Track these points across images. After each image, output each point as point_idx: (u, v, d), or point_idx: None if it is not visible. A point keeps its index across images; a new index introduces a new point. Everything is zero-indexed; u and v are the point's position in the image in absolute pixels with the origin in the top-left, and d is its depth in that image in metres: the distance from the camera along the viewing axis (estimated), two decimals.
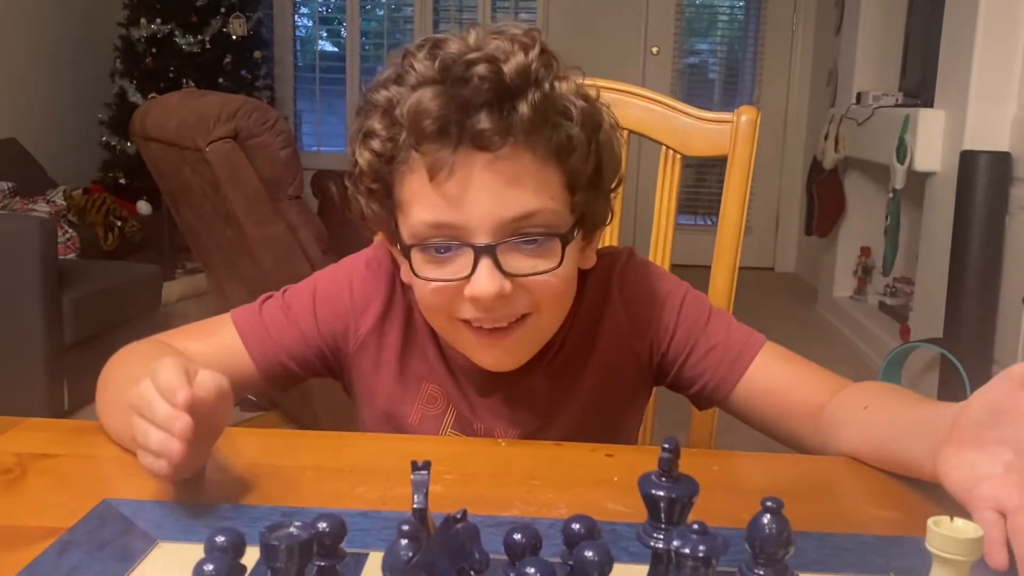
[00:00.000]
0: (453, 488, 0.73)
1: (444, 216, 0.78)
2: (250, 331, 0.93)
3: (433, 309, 0.85)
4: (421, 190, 0.79)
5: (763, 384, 0.92)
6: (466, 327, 0.83)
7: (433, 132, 0.76)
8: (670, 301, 0.95)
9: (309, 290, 0.95)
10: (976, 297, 3.14)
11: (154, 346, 0.91)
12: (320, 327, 0.93)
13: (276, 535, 0.48)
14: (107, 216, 4.20)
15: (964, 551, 0.51)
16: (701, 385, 0.95)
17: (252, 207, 2.49)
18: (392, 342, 0.94)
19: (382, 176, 0.82)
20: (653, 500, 0.53)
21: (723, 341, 0.94)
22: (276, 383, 0.95)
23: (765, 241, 6.09)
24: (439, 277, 0.81)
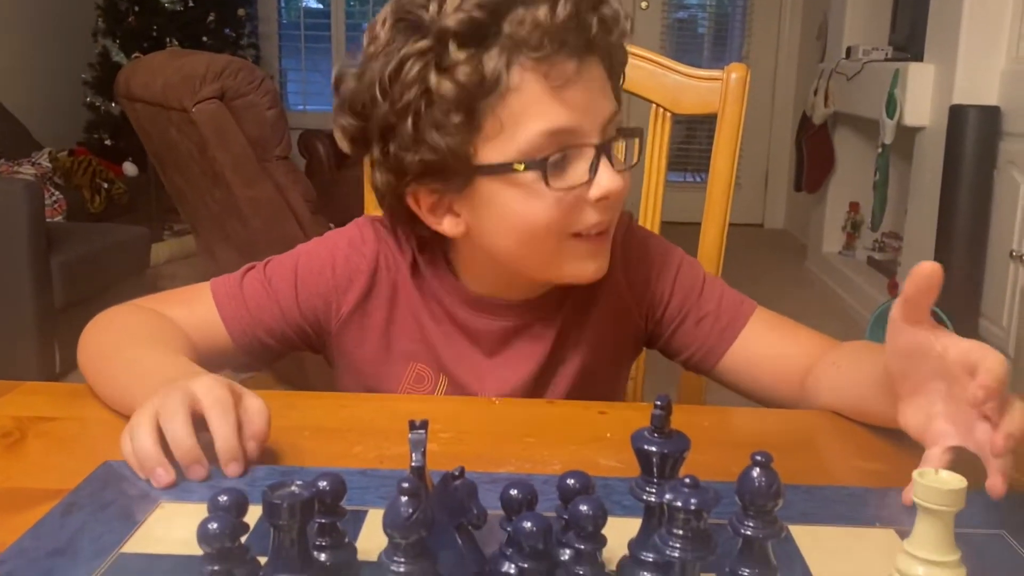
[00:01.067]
0: (449, 447, 0.75)
1: (566, 122, 0.78)
2: (228, 307, 0.91)
3: (548, 230, 0.81)
4: (536, 102, 0.78)
5: (750, 354, 0.93)
6: (577, 241, 0.83)
7: (554, 43, 0.76)
8: (667, 269, 0.96)
9: (291, 265, 0.93)
10: (964, 251, 3.16)
11: (137, 312, 0.90)
12: (301, 305, 0.92)
13: (278, 494, 0.49)
14: (93, 178, 4.18)
15: (948, 501, 0.52)
16: (690, 354, 0.96)
17: (239, 168, 2.48)
18: (376, 321, 0.93)
19: (468, 104, 0.77)
20: (645, 455, 0.54)
21: (714, 311, 0.95)
22: (254, 358, 0.94)
23: (754, 198, 6.10)
24: (561, 187, 0.79)
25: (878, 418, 0.78)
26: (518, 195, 0.80)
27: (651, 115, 1.22)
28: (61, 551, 0.56)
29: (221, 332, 0.91)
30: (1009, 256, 2.95)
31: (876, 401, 0.76)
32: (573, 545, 0.51)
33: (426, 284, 0.93)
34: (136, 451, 0.66)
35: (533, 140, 0.78)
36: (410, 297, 0.92)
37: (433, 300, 0.92)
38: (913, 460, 0.72)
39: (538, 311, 0.93)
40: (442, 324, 0.92)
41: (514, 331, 0.93)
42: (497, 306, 0.92)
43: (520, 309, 0.92)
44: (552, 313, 0.93)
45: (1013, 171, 2.98)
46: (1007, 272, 2.98)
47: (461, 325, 0.92)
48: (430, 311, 0.92)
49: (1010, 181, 2.99)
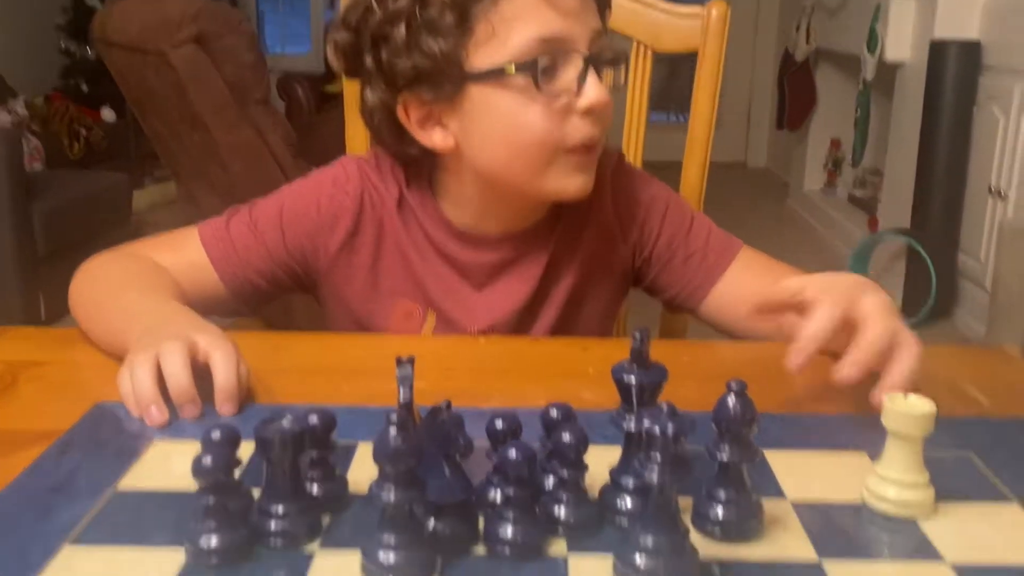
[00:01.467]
0: (435, 384, 0.76)
1: (557, 29, 0.80)
2: (217, 249, 0.92)
3: (540, 137, 0.82)
4: (529, 8, 0.80)
5: (735, 293, 0.94)
6: (567, 155, 0.84)
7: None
8: (656, 207, 0.97)
9: (276, 207, 0.94)
10: (943, 187, 3.18)
11: (127, 258, 0.91)
12: (288, 245, 0.93)
13: (270, 428, 0.50)
14: (71, 125, 4.13)
15: (917, 426, 0.54)
16: (676, 292, 0.98)
17: (219, 112, 2.46)
18: (363, 259, 0.94)
19: (461, 7, 0.79)
20: (625, 386, 0.56)
21: (701, 249, 0.96)
22: (246, 301, 0.95)
23: (737, 136, 6.09)
24: (551, 90, 0.81)
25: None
26: (509, 101, 0.81)
27: (632, 53, 1.22)
28: (59, 489, 0.57)
29: (211, 275, 0.92)
30: (988, 191, 2.97)
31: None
32: (557, 472, 0.53)
33: (413, 219, 0.93)
34: (135, 388, 0.67)
35: (524, 45, 0.80)
36: (397, 234, 0.93)
37: (421, 235, 0.93)
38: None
39: (526, 244, 0.94)
40: (430, 259, 0.93)
41: (502, 264, 0.94)
42: (485, 239, 0.93)
43: (508, 242, 0.93)
44: (540, 246, 0.94)
45: (993, 106, 2.99)
46: (985, 206, 3.00)
47: (449, 259, 0.93)
48: (417, 247, 0.93)
49: (989, 116, 3.00)
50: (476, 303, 0.94)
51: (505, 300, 0.94)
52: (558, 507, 0.53)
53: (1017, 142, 2.84)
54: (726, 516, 0.53)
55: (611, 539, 0.52)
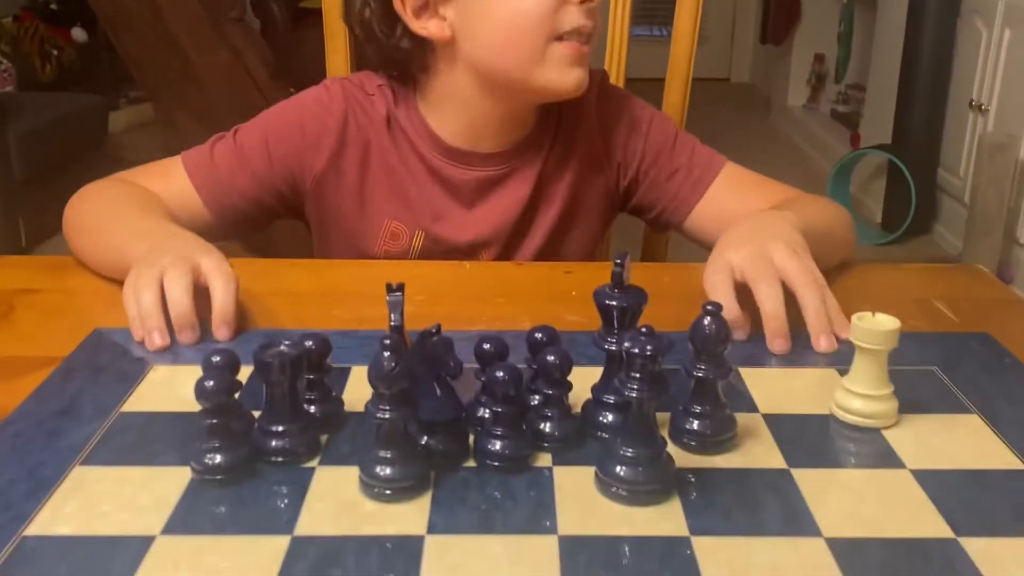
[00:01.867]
0: (424, 308, 0.78)
1: None
2: (200, 175, 0.93)
3: (535, 21, 0.85)
4: None
5: (719, 209, 0.96)
6: (560, 45, 0.86)
7: None
8: (638, 126, 0.99)
9: (260, 130, 0.95)
10: (925, 102, 3.19)
11: (120, 184, 0.92)
12: (274, 167, 0.94)
13: (269, 352, 0.53)
14: (42, 45, 4.04)
15: (881, 341, 0.57)
16: (661, 208, 0.99)
17: (194, 32, 2.43)
18: (351, 179, 0.95)
19: None
20: (606, 309, 0.59)
21: (685, 164, 0.98)
22: (232, 226, 0.96)
23: (721, 51, 6.02)
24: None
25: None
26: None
27: None
28: (64, 412, 0.60)
29: (197, 202, 0.92)
30: (968, 106, 2.98)
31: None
32: (542, 391, 0.56)
33: (403, 137, 0.94)
34: (140, 312, 0.69)
35: None
36: (385, 153, 0.94)
37: (410, 152, 0.94)
38: (858, 305, 0.77)
39: (514, 161, 0.95)
40: (419, 177, 0.94)
41: (490, 181, 0.95)
42: (474, 156, 0.94)
43: (497, 158, 0.95)
44: (529, 165, 0.96)
45: (976, 19, 2.98)
46: (966, 122, 3.01)
47: (439, 176, 0.94)
48: (406, 165, 0.94)
49: (972, 30, 2.99)
50: (464, 221, 0.95)
51: (493, 218, 0.96)
52: (543, 423, 0.56)
53: (999, 56, 2.84)
54: (701, 429, 0.56)
55: (593, 452, 0.55)
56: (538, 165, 0.96)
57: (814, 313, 0.70)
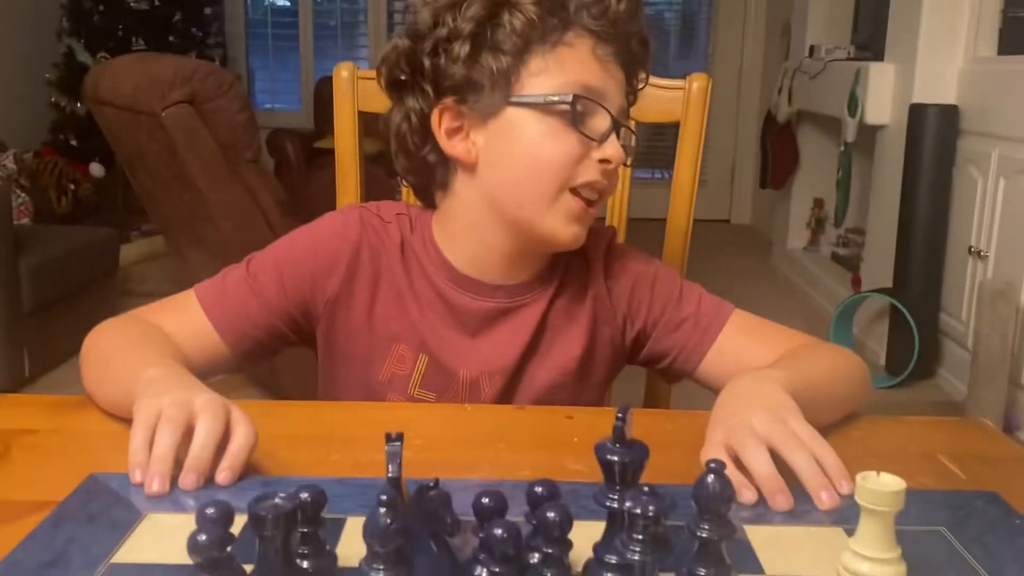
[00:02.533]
0: (422, 453, 0.78)
1: (599, 82, 0.90)
2: (216, 309, 0.94)
3: (555, 170, 0.90)
4: (582, 60, 0.90)
5: (730, 356, 0.97)
6: (572, 198, 0.91)
7: (612, 23, 0.90)
8: (643, 280, 1.01)
9: (272, 258, 0.97)
10: (924, 247, 3.23)
11: (134, 323, 0.93)
12: (288, 292, 0.96)
13: (263, 506, 0.52)
14: (60, 179, 4.16)
15: (889, 502, 0.56)
16: (672, 358, 1.00)
17: (209, 171, 2.49)
18: (361, 302, 0.97)
19: (526, 40, 0.88)
20: (608, 465, 0.58)
21: (693, 313, 0.99)
22: (248, 358, 0.97)
23: (721, 194, 6.17)
24: (582, 131, 0.89)
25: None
26: (541, 128, 0.89)
27: None
28: (53, 563, 0.58)
29: (213, 336, 0.94)
30: (968, 252, 3.02)
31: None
32: (541, 549, 0.55)
33: (415, 262, 0.97)
34: (154, 453, 0.69)
35: (569, 86, 0.88)
36: (395, 278, 0.97)
37: (420, 277, 0.97)
38: (862, 461, 0.76)
39: (521, 298, 0.98)
40: (426, 301, 0.96)
41: (496, 313, 0.97)
42: (482, 286, 0.96)
43: (504, 292, 0.97)
44: (535, 303, 0.98)
45: (971, 169, 3.05)
46: (966, 267, 3.05)
47: (445, 301, 0.96)
48: (414, 290, 0.97)
49: (968, 178, 3.07)
50: (467, 349, 0.97)
51: (496, 350, 0.97)
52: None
53: (996, 203, 2.90)
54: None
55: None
56: (543, 305, 0.98)
57: (806, 473, 0.70)
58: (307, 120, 5.61)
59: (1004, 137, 2.87)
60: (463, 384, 0.97)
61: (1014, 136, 2.81)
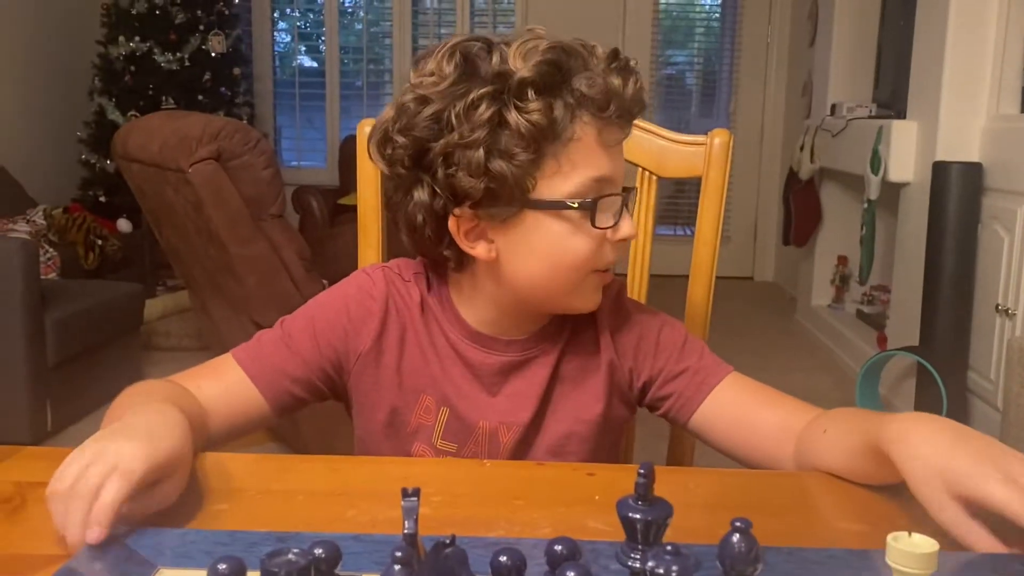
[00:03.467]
0: (440, 510, 0.76)
1: (607, 170, 0.91)
2: (256, 367, 0.97)
3: (579, 261, 0.92)
4: (591, 153, 0.90)
5: (725, 411, 0.98)
6: (594, 275, 0.94)
7: (616, 111, 0.90)
8: (649, 332, 1.03)
9: (306, 318, 1.00)
10: (951, 305, 3.20)
11: (165, 384, 0.93)
12: (322, 349, 0.98)
13: (276, 561, 0.51)
14: (88, 235, 4.21)
15: (920, 565, 0.54)
16: (668, 406, 1.02)
17: (235, 227, 2.52)
18: (390, 359, 0.99)
19: (537, 142, 0.87)
20: (630, 523, 0.56)
21: (693, 365, 1.01)
22: (285, 412, 1.00)
23: (744, 251, 6.16)
24: (601, 226, 0.90)
25: (870, 478, 0.82)
26: (561, 228, 0.90)
27: (638, 177, 1.26)
28: None
29: (253, 393, 0.96)
30: (995, 309, 2.99)
31: (866, 463, 0.80)
32: None
33: (434, 321, 1.00)
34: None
35: (584, 184, 0.89)
36: (418, 335, 0.99)
37: (439, 334, 0.99)
38: (894, 521, 0.74)
39: (533, 349, 1.00)
40: (445, 356, 0.99)
41: (511, 366, 0.99)
42: (497, 341, 0.99)
43: (517, 345, 0.99)
44: (546, 353, 1.00)
45: (996, 226, 3.03)
46: (994, 325, 3.01)
47: (463, 357, 0.99)
48: (435, 346, 0.99)
49: (994, 236, 3.04)
50: (486, 402, 0.99)
51: (513, 401, 0.99)
52: None
53: (1022, 261, 2.87)
54: None
55: None
56: (555, 357, 1.00)
57: None
58: (332, 177, 5.69)
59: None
60: (483, 435, 0.99)
61: None
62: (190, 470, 0.79)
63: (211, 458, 0.87)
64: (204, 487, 0.80)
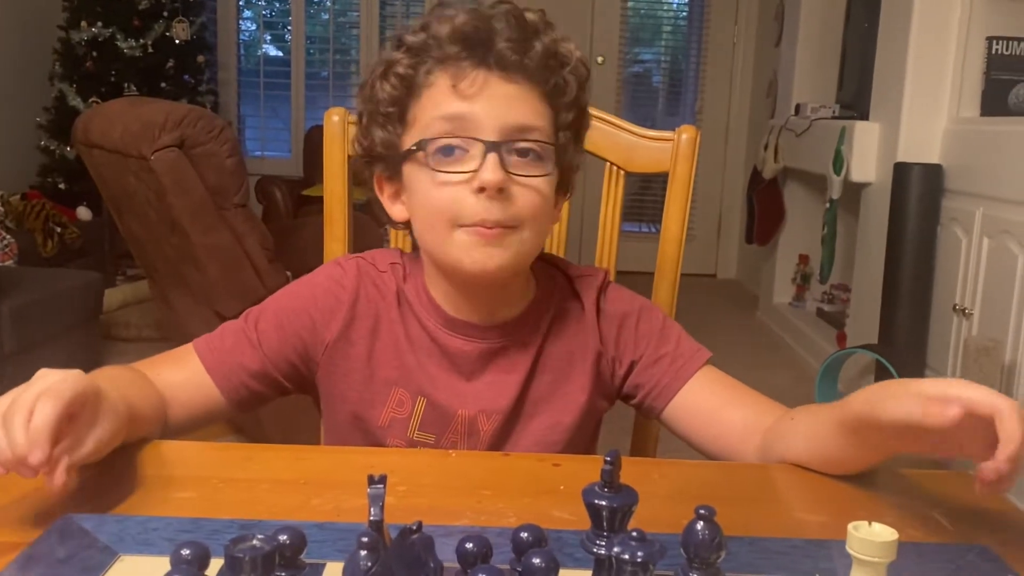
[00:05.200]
0: (406, 499, 0.76)
1: (459, 108, 0.89)
2: (213, 359, 0.96)
3: (438, 211, 0.90)
4: (441, 95, 0.90)
5: (699, 403, 0.98)
6: (463, 232, 0.89)
7: (461, 49, 0.89)
8: (629, 319, 1.03)
9: (272, 309, 0.99)
10: (909, 304, 3.25)
11: (126, 371, 0.92)
12: (288, 340, 0.97)
13: (240, 548, 0.50)
14: (46, 222, 4.14)
15: (880, 553, 0.55)
16: (644, 394, 1.01)
17: (197, 215, 2.49)
18: (360, 350, 0.98)
19: (400, 100, 0.93)
20: (596, 509, 0.57)
21: (671, 352, 1.01)
22: (242, 407, 0.98)
23: (707, 248, 6.21)
24: (443, 169, 0.89)
25: (841, 461, 0.83)
26: (421, 176, 0.91)
27: (605, 172, 1.26)
28: None
29: (210, 386, 0.95)
30: (952, 309, 3.04)
31: (838, 441, 0.81)
32: None
33: (409, 311, 0.99)
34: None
35: (430, 124, 0.90)
36: (392, 325, 0.98)
37: (415, 324, 0.98)
38: (852, 512, 0.75)
39: (511, 337, 0.98)
40: (421, 347, 0.98)
41: (489, 353, 0.98)
42: (473, 327, 0.98)
43: (494, 332, 0.98)
44: (526, 342, 0.99)
45: (955, 227, 3.08)
46: (951, 324, 3.06)
47: (439, 345, 0.98)
48: (410, 337, 0.98)
49: (952, 237, 3.09)
50: (463, 391, 0.98)
51: (491, 390, 0.98)
52: None
53: (980, 262, 2.92)
54: None
55: None
56: (537, 343, 0.99)
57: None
58: (296, 168, 5.64)
59: (988, 197, 2.90)
60: (461, 424, 0.98)
61: (998, 196, 2.84)
62: (124, 430, 0.78)
63: (173, 446, 0.87)
64: (166, 475, 0.79)
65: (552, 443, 0.99)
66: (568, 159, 0.97)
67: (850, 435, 0.78)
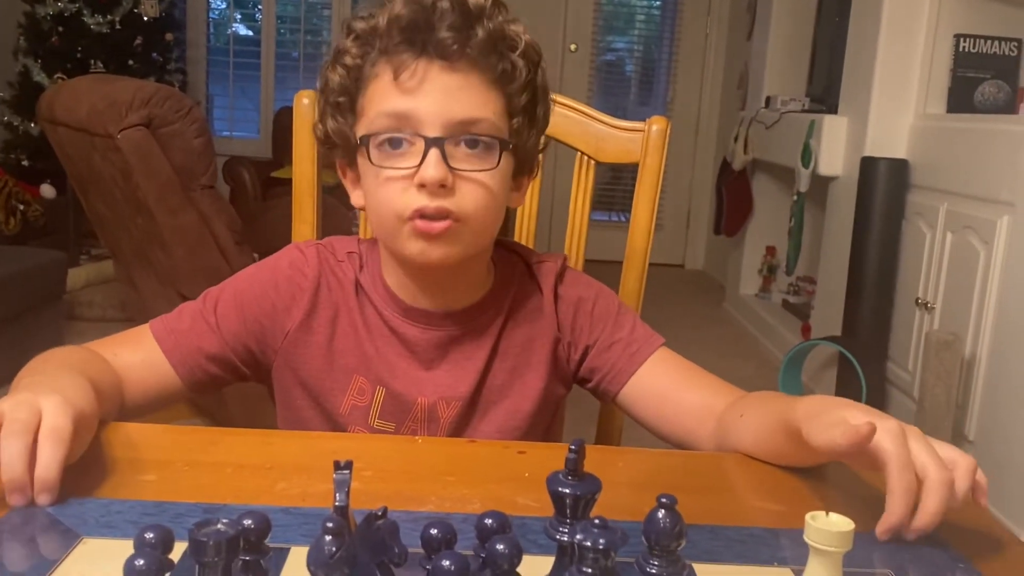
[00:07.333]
0: (371, 485, 0.76)
1: (401, 105, 0.88)
2: (170, 342, 0.95)
3: (385, 204, 0.90)
4: (384, 88, 0.89)
5: (653, 386, 0.99)
6: (410, 224, 0.89)
7: (402, 39, 0.88)
8: (585, 304, 1.03)
9: (231, 291, 0.98)
10: (873, 297, 3.29)
11: (82, 352, 0.91)
12: (247, 325, 0.97)
13: (204, 531, 0.50)
14: (9, 199, 4.08)
15: (837, 543, 0.56)
16: (599, 378, 1.02)
17: (164, 196, 2.46)
18: (320, 338, 0.97)
19: (348, 90, 0.92)
20: (559, 497, 0.57)
21: (625, 337, 1.01)
22: (199, 389, 0.97)
23: (676, 239, 6.24)
24: (383, 164, 0.89)
25: (784, 457, 0.84)
26: (367, 170, 0.91)
27: (576, 162, 1.27)
28: None
29: (167, 367, 0.94)
30: (915, 303, 3.08)
31: (780, 442, 0.82)
32: None
33: (367, 299, 0.98)
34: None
35: (374, 119, 0.89)
36: (351, 314, 0.98)
37: (373, 313, 0.98)
38: (811, 502, 0.76)
39: (470, 324, 0.98)
40: (379, 336, 0.97)
41: (449, 340, 0.98)
42: (431, 315, 0.97)
43: (452, 319, 0.98)
44: (485, 329, 0.99)
45: (920, 222, 3.12)
46: (913, 318, 3.11)
47: (397, 334, 0.97)
48: (368, 325, 0.98)
49: (917, 231, 3.13)
50: (422, 379, 0.98)
51: (451, 377, 0.98)
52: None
53: (943, 257, 2.96)
54: None
55: None
56: (495, 331, 0.99)
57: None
58: (265, 149, 5.59)
59: (952, 192, 2.95)
60: (421, 412, 0.97)
61: (962, 192, 2.89)
62: (93, 434, 0.78)
63: (136, 429, 0.86)
64: (129, 458, 0.79)
65: (512, 429, 0.99)
66: (524, 142, 0.95)
67: (793, 438, 0.79)
